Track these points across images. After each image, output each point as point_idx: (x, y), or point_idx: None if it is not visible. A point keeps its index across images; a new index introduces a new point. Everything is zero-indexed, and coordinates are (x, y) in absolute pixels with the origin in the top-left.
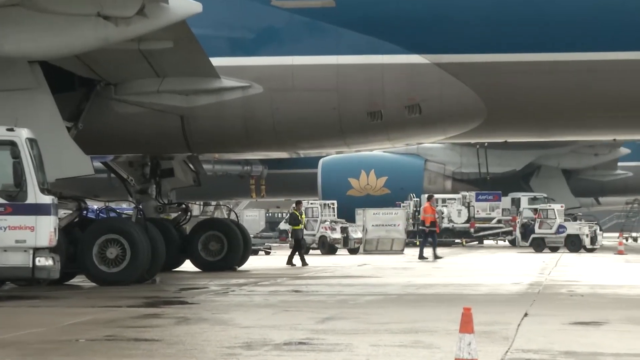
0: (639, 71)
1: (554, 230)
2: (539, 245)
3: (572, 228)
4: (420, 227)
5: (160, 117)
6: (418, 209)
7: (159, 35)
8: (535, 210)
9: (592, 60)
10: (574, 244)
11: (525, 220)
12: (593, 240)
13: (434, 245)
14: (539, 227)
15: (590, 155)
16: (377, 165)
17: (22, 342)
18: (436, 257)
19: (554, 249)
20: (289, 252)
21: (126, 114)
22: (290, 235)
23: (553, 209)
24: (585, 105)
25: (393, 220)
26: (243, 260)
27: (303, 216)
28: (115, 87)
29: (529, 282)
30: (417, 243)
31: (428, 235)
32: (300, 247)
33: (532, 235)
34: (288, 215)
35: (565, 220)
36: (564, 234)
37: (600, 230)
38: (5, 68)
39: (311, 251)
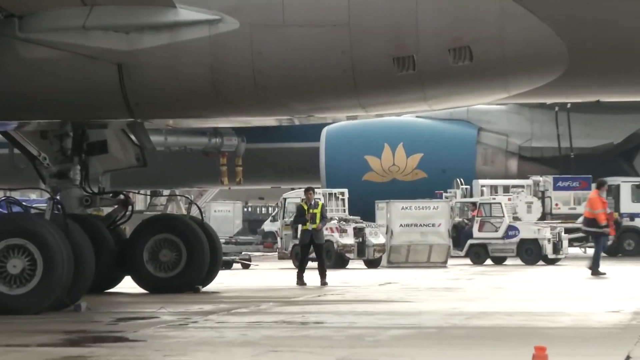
0: None
1: (500, 233)
2: (478, 254)
3: (527, 231)
4: (585, 228)
5: (88, 65)
6: (467, 201)
7: None
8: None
9: None
10: (529, 252)
11: (458, 220)
12: (556, 247)
13: (597, 255)
14: (479, 230)
15: None
16: (408, 136)
17: None
18: (597, 271)
19: (498, 260)
20: (277, 264)
21: (36, 61)
22: (297, 234)
23: (499, 204)
24: None
25: (431, 218)
26: (210, 276)
27: (316, 210)
28: (21, 21)
29: (634, 310)
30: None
31: (599, 239)
32: (307, 255)
33: (469, 241)
34: (295, 210)
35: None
36: (516, 239)
37: (568, 232)
38: None
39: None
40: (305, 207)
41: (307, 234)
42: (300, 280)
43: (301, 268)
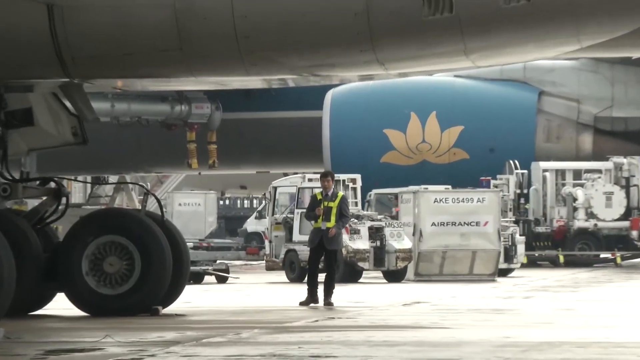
0: None
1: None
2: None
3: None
4: None
5: (5, 4)
6: (525, 190)
7: None
8: None
9: None
10: None
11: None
12: (508, 254)
13: None
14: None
15: None
16: (443, 103)
17: None
18: None
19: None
20: (264, 277)
21: None
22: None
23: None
24: None
25: (475, 214)
26: (173, 293)
27: (332, 204)
28: None
29: None
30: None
31: None
32: (317, 263)
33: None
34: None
35: None
36: None
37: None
38: None
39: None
40: (319, 198)
41: (316, 235)
42: (312, 298)
43: (311, 280)
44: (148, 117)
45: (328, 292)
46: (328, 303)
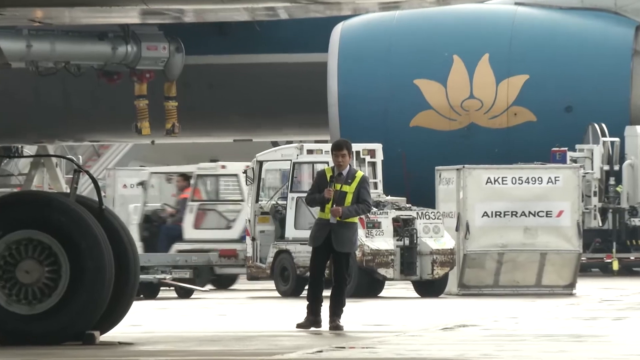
0: None
1: None
2: None
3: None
4: None
5: None
6: (616, 167)
7: None
8: None
9: None
10: None
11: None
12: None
13: None
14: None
15: None
16: (499, 42)
17: None
18: None
19: None
20: (244, 287)
21: None
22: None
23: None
24: None
25: (545, 201)
26: (116, 313)
27: (347, 188)
28: None
29: None
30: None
31: None
32: (322, 269)
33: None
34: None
35: None
36: None
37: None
38: None
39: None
40: (329, 176)
41: (322, 230)
42: (314, 319)
43: (313, 295)
44: (79, 62)
45: (336, 311)
46: (336, 326)
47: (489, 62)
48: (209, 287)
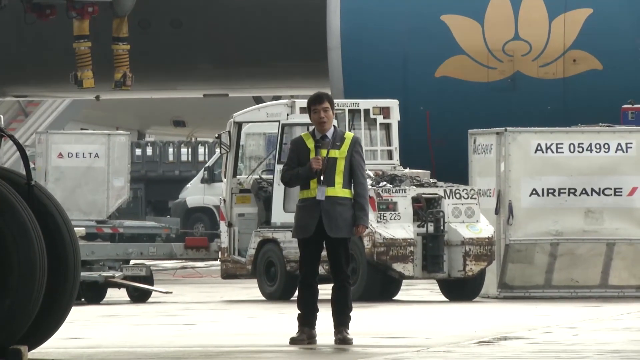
0: None
1: None
2: None
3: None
4: None
5: None
6: None
7: None
8: None
9: None
10: None
11: None
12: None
13: None
14: None
15: None
16: None
17: None
18: None
19: None
20: (218, 289)
21: None
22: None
23: None
24: None
25: (613, 175)
26: (49, 322)
27: (337, 153)
28: None
29: None
30: None
31: None
32: (316, 265)
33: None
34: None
35: None
36: None
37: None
38: None
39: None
40: (312, 145)
41: (310, 213)
42: (309, 330)
43: (306, 298)
44: None
45: (342, 320)
46: (342, 338)
47: None
48: (170, 287)
